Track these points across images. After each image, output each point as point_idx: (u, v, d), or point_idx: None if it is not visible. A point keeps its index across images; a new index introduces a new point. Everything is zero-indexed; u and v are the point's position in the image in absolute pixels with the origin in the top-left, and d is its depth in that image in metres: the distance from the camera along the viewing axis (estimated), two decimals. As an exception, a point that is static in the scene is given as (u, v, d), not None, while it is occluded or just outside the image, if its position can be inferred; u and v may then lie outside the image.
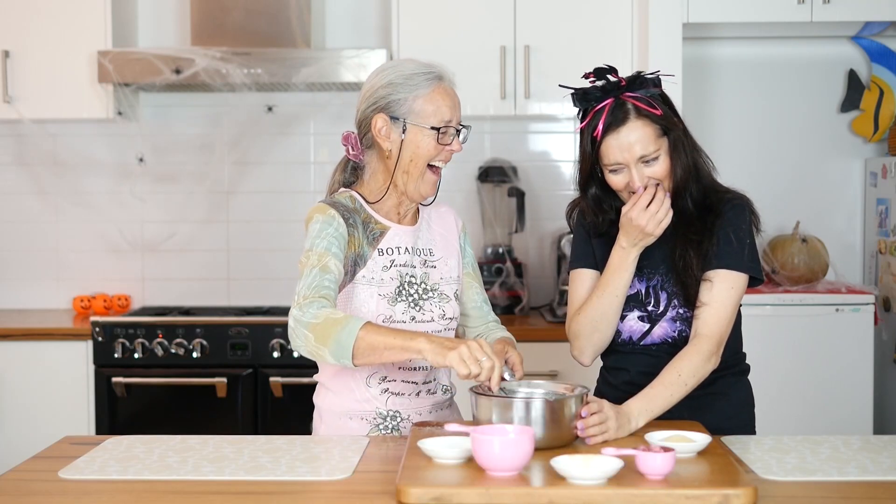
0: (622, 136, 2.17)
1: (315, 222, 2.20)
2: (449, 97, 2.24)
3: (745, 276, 2.23)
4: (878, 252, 4.06)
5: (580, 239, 2.38)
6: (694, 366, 2.16)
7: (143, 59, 3.85)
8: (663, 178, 2.20)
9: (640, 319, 2.28)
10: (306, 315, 2.06)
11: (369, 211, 2.27)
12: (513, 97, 3.96)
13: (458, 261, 2.38)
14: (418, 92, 2.21)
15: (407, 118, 2.21)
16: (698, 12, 3.77)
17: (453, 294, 2.33)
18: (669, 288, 2.26)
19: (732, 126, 4.28)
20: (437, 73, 2.24)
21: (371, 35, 4.29)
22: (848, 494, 1.77)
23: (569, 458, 1.78)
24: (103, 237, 4.36)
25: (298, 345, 2.09)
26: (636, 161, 2.18)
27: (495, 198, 4.18)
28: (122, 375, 3.77)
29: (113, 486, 1.83)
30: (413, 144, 2.22)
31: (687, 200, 2.24)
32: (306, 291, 2.10)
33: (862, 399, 3.75)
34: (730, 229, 2.23)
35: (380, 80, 2.24)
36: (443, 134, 2.22)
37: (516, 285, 4.09)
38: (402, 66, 2.25)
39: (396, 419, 2.26)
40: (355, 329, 2.02)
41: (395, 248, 2.26)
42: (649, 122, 2.17)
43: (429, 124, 2.21)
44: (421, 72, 2.23)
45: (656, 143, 2.18)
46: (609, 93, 2.20)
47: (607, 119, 2.18)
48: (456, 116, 2.25)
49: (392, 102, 2.22)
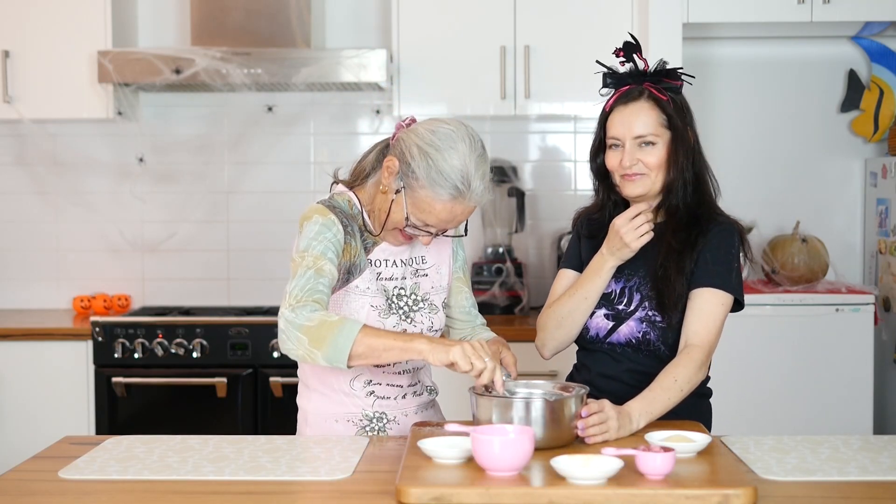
0: (627, 111, 2.25)
1: (314, 223, 2.16)
2: (451, 214, 2.12)
3: (731, 298, 2.25)
4: (878, 252, 4.06)
5: (573, 242, 2.45)
6: (689, 372, 2.17)
7: (143, 59, 3.85)
8: (655, 168, 2.24)
9: (606, 317, 2.30)
10: (299, 317, 2.03)
11: (366, 219, 2.25)
12: (513, 97, 3.96)
13: (448, 268, 2.36)
14: (430, 188, 2.10)
15: (406, 189, 2.13)
16: (698, 12, 3.77)
17: (441, 304, 2.32)
18: (645, 291, 2.27)
19: (733, 126, 4.28)
20: (463, 192, 2.10)
21: (371, 35, 4.28)
22: (848, 494, 1.77)
23: (569, 458, 1.78)
24: (103, 237, 4.36)
25: (289, 347, 2.06)
26: (632, 138, 2.24)
27: (495, 198, 4.18)
28: (122, 375, 3.77)
29: (113, 486, 1.83)
30: (395, 206, 2.16)
31: (678, 201, 2.27)
32: (299, 293, 2.07)
33: (862, 399, 3.74)
34: (716, 252, 2.24)
35: (426, 141, 2.11)
36: (411, 227, 2.16)
37: (516, 285, 4.09)
38: (449, 152, 2.09)
39: (383, 420, 2.26)
40: (353, 332, 2.00)
41: (382, 261, 2.25)
42: (658, 108, 2.25)
43: (410, 214, 2.13)
44: (452, 179, 2.09)
45: (658, 130, 2.24)
46: (637, 79, 2.28)
47: (622, 95, 2.27)
48: (444, 227, 2.16)
49: (410, 167, 2.11)
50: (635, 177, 2.26)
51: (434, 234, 2.19)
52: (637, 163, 2.24)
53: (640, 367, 2.27)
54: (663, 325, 2.25)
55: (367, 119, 4.30)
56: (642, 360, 2.27)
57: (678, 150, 2.24)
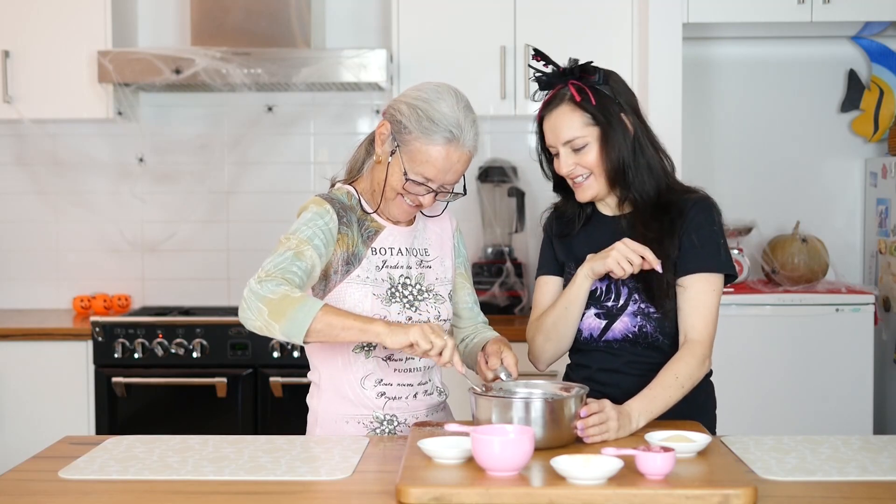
0: (552, 119, 2.27)
1: (308, 211, 2.19)
2: (447, 161, 2.15)
3: (721, 277, 2.25)
4: (878, 252, 4.06)
5: (545, 246, 2.43)
6: (690, 369, 2.17)
7: (143, 59, 3.85)
8: (592, 167, 2.24)
9: (598, 316, 2.29)
10: (264, 289, 2.03)
11: (366, 208, 2.26)
12: (513, 97, 3.96)
13: (452, 261, 2.37)
14: (424, 137, 2.14)
15: (400, 147, 2.17)
16: (698, 12, 3.77)
17: (447, 295, 2.32)
18: (632, 284, 2.26)
19: (732, 126, 4.28)
20: (456, 135, 2.14)
21: (371, 35, 4.29)
22: (848, 494, 1.77)
23: (569, 458, 1.78)
24: (103, 237, 4.36)
25: (248, 317, 2.06)
26: (562, 144, 2.25)
27: (495, 198, 4.18)
28: (122, 375, 3.77)
29: (113, 486, 1.83)
30: (391, 169, 2.19)
31: (635, 192, 2.25)
32: (271, 268, 2.08)
33: (862, 399, 3.75)
34: (699, 231, 2.23)
35: (412, 97, 2.18)
36: (412, 183, 2.18)
37: (516, 285, 4.09)
38: (438, 102, 2.16)
39: (394, 423, 2.26)
40: (314, 309, 2.01)
41: (387, 249, 2.25)
42: (578, 109, 2.23)
43: (408, 170, 2.16)
44: (444, 124, 2.14)
45: (583, 131, 2.23)
46: (561, 79, 2.27)
47: (545, 104, 2.29)
48: (442, 179, 2.17)
49: (401, 124, 2.16)
50: (582, 182, 2.27)
51: (435, 193, 2.19)
52: (575, 166, 2.25)
53: (641, 357, 2.27)
54: (658, 315, 2.24)
55: (367, 119, 4.30)
56: (642, 352, 2.27)
57: (612, 144, 2.22)
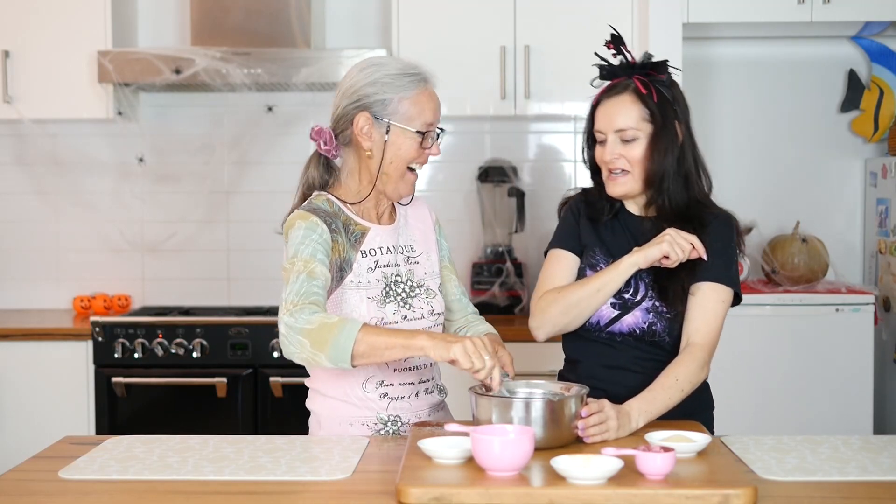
0: (610, 105, 2.26)
1: (297, 229, 2.16)
2: (433, 100, 2.22)
3: (731, 291, 2.25)
4: (878, 252, 4.06)
5: (569, 223, 2.39)
6: (690, 372, 2.17)
7: (143, 59, 3.85)
8: (634, 163, 2.24)
9: (612, 306, 2.27)
10: (299, 321, 2.02)
11: (348, 213, 2.24)
12: (513, 97, 3.96)
13: (436, 255, 2.38)
14: (404, 94, 2.18)
15: (391, 119, 2.19)
16: (698, 12, 3.77)
17: (437, 288, 2.32)
18: (648, 280, 2.26)
19: (733, 126, 4.28)
20: (422, 76, 2.21)
21: (371, 35, 4.29)
22: (848, 494, 1.77)
23: (569, 458, 1.78)
24: (103, 237, 4.36)
25: (292, 352, 2.05)
26: (613, 132, 2.24)
27: (495, 198, 4.18)
28: (122, 375, 3.77)
29: (113, 486, 1.83)
30: (395, 146, 2.20)
31: (664, 198, 2.25)
32: (295, 298, 2.06)
33: (862, 399, 3.75)
34: (716, 244, 2.23)
35: (364, 78, 2.20)
36: (425, 138, 2.21)
37: (516, 285, 4.09)
38: (387, 65, 2.20)
39: (397, 424, 2.26)
40: (354, 331, 2.00)
41: (377, 249, 2.25)
42: (640, 101, 2.23)
43: (414, 127, 2.19)
44: (407, 73, 2.19)
45: (638, 124, 2.23)
46: (626, 72, 2.28)
47: (608, 88, 2.28)
48: (438, 117, 2.24)
49: (377, 102, 2.18)
50: (618, 177, 2.26)
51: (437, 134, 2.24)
52: (619, 157, 2.24)
53: (644, 354, 2.27)
54: (670, 315, 2.24)
55: (367, 119, 4.30)
56: (645, 349, 2.27)
57: (660, 146, 2.22)
